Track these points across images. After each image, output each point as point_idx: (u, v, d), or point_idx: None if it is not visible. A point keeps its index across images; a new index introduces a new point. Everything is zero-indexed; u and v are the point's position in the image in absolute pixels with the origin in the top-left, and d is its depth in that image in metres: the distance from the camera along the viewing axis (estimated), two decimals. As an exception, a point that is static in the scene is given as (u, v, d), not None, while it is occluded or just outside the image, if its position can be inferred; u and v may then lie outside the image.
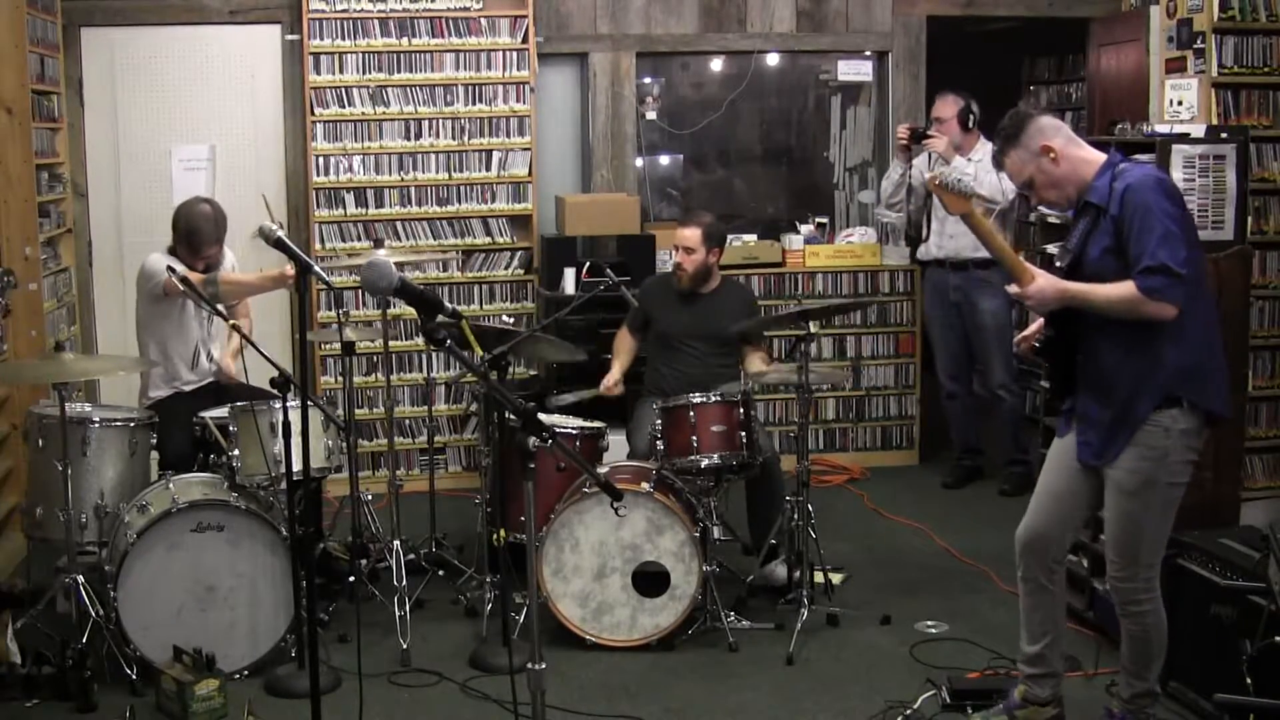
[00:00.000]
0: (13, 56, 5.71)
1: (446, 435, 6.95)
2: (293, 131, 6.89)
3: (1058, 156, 3.68)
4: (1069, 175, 3.70)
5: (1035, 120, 3.72)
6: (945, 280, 6.67)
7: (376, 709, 4.23)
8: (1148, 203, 3.51)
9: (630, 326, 5.73)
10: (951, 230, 6.49)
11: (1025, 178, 3.77)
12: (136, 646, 4.36)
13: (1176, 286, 3.50)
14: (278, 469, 4.56)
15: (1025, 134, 3.71)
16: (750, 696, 4.40)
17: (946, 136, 6.41)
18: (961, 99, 6.47)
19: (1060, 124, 3.76)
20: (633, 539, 4.72)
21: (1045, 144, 3.68)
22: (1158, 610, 3.77)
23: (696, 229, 5.46)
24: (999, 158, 3.81)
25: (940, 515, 6.31)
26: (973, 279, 6.52)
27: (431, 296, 3.17)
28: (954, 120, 6.42)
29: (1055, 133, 3.70)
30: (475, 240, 6.90)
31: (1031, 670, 3.98)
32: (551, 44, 7.05)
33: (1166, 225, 3.50)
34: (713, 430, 4.94)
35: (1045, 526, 3.88)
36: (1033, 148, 3.70)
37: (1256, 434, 5.64)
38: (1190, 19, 5.82)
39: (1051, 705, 3.98)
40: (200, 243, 5.11)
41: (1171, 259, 3.48)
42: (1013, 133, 3.73)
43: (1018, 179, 3.81)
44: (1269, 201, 5.63)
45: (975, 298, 6.55)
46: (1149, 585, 3.74)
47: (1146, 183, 3.56)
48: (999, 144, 3.78)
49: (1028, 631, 3.99)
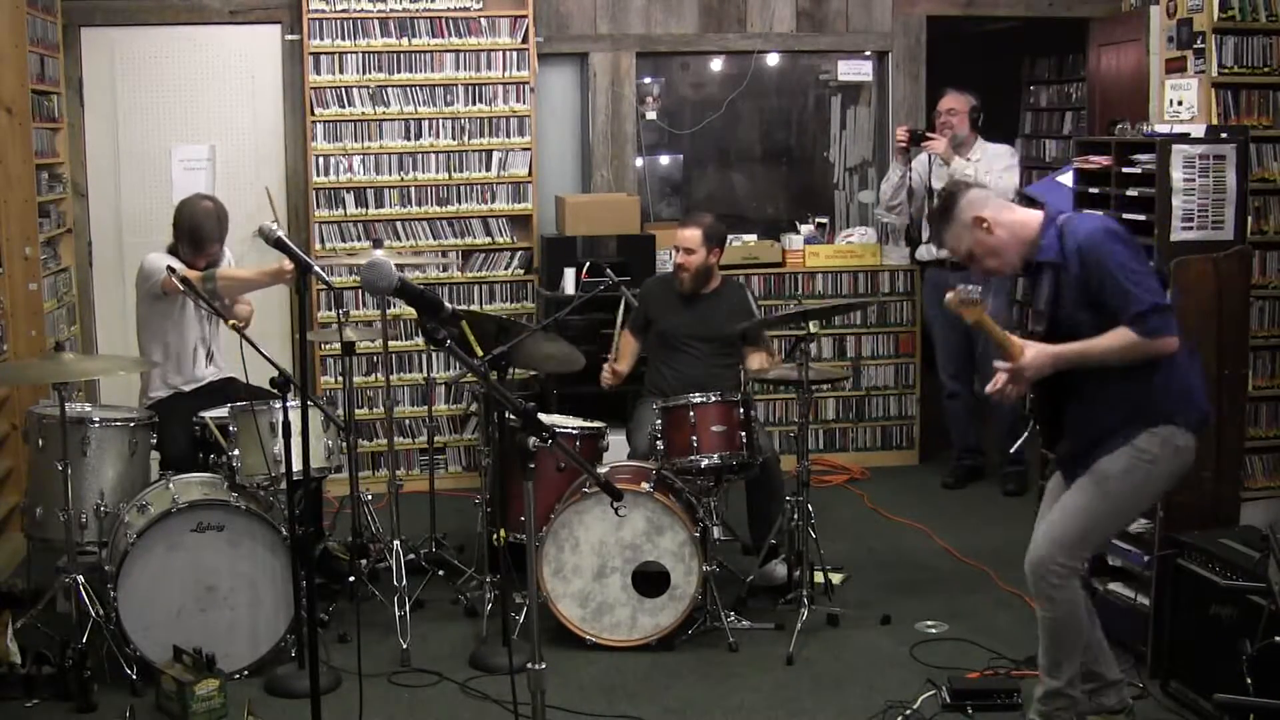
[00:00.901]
0: (13, 56, 5.71)
1: (446, 435, 6.95)
2: (293, 131, 6.89)
3: (990, 225, 3.76)
4: (1007, 242, 3.78)
5: (964, 194, 3.84)
6: (946, 280, 6.64)
7: (376, 709, 4.23)
8: (1103, 259, 3.59)
9: (632, 328, 5.72)
10: None
11: (965, 250, 3.86)
12: (136, 646, 4.36)
13: (1169, 317, 3.61)
14: (278, 469, 4.56)
15: (956, 209, 3.81)
16: (750, 696, 4.40)
17: (944, 139, 6.42)
18: (973, 98, 6.52)
19: (988, 194, 3.90)
20: (633, 539, 4.72)
21: (976, 215, 3.77)
22: (1071, 602, 3.72)
23: (697, 230, 5.46)
24: (936, 237, 3.88)
25: (940, 515, 6.31)
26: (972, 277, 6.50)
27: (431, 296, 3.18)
28: (964, 114, 6.46)
29: (984, 204, 3.80)
30: (475, 240, 6.91)
31: (1087, 686, 3.94)
32: (551, 44, 7.05)
33: (1133, 268, 3.59)
34: (713, 430, 4.94)
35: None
36: (965, 220, 3.79)
37: (1256, 434, 5.63)
38: (1190, 19, 5.82)
39: (1124, 714, 3.94)
40: (203, 240, 5.11)
41: (1156, 296, 3.58)
42: (944, 209, 3.86)
43: (957, 252, 3.90)
44: (1269, 201, 5.62)
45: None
46: (1064, 573, 3.70)
47: (1096, 237, 3.63)
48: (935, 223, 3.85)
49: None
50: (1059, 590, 3.71)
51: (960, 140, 6.45)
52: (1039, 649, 3.85)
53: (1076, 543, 3.72)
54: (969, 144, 6.47)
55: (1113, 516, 3.76)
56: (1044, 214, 3.79)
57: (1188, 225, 4.74)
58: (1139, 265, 3.61)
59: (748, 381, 5.36)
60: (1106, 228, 3.67)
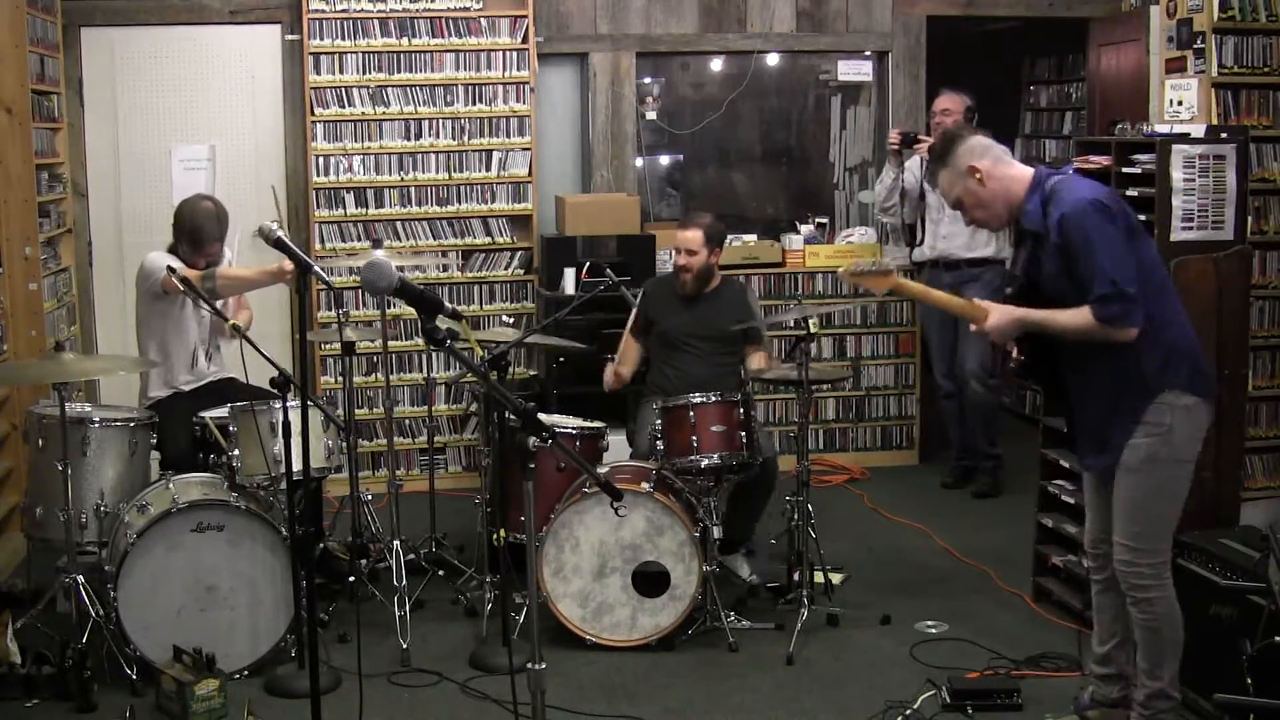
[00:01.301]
0: (13, 56, 5.71)
1: (446, 435, 6.95)
2: (293, 131, 6.89)
3: (984, 177, 3.74)
4: (996, 195, 3.76)
5: (964, 141, 3.79)
6: (939, 280, 6.65)
7: (376, 709, 4.23)
8: (1085, 230, 3.56)
9: (633, 332, 5.69)
10: (945, 231, 6.50)
11: (954, 197, 3.84)
12: (136, 646, 4.36)
13: (1132, 308, 3.56)
14: (278, 469, 4.56)
15: (953, 154, 3.78)
16: (750, 696, 4.40)
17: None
18: (968, 98, 6.51)
19: (990, 144, 3.81)
20: (633, 539, 4.72)
21: (971, 164, 3.75)
22: (1168, 600, 3.74)
23: (698, 230, 5.46)
24: (930, 178, 3.85)
25: (940, 515, 6.31)
26: (964, 276, 6.52)
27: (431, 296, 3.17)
28: (959, 114, 6.44)
29: (984, 153, 3.77)
30: (475, 240, 6.91)
31: (1101, 670, 3.99)
32: (551, 44, 7.05)
33: (1110, 248, 3.55)
34: (713, 430, 4.94)
35: (1101, 531, 3.89)
36: (960, 168, 3.77)
37: (1256, 434, 5.63)
38: (1190, 19, 5.82)
39: (1121, 708, 3.96)
40: (203, 239, 5.10)
41: (1121, 280, 3.53)
42: (941, 153, 3.83)
43: (948, 198, 3.89)
44: (1269, 201, 5.62)
45: (964, 294, 6.49)
46: (1156, 572, 3.72)
47: (1079, 208, 3.59)
48: (929, 164, 3.82)
49: (1097, 631, 4.02)
50: (1152, 590, 3.72)
51: None
52: (1137, 652, 3.83)
53: (1148, 538, 3.71)
54: None
55: (1165, 497, 3.72)
56: (1033, 176, 3.75)
57: (1188, 225, 4.75)
58: (1120, 244, 3.56)
59: (747, 381, 5.35)
60: (1094, 200, 3.61)
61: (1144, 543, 3.71)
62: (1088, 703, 4.04)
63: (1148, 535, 3.72)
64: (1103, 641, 3.99)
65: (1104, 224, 3.57)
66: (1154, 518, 3.72)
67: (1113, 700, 3.98)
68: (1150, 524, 3.72)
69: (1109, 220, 3.58)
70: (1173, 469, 3.70)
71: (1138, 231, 3.69)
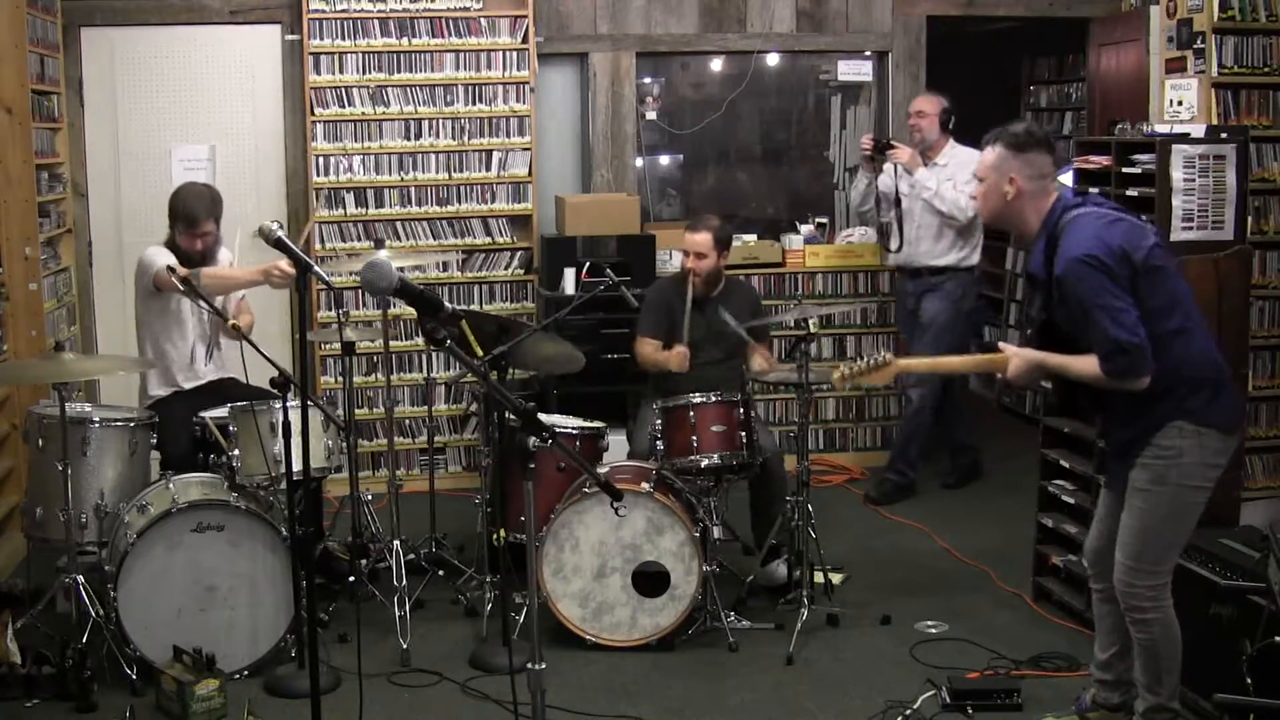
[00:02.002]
0: (13, 56, 5.71)
1: (446, 435, 6.95)
2: (293, 131, 6.89)
3: (1014, 194, 3.74)
4: (1010, 214, 3.78)
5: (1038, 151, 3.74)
6: (903, 287, 6.69)
7: (376, 709, 4.23)
8: (1080, 292, 3.56)
9: (651, 332, 5.58)
10: (910, 237, 6.46)
11: (981, 175, 3.83)
12: (136, 646, 4.36)
13: (1138, 360, 3.55)
14: (278, 469, 4.56)
15: (1020, 153, 3.73)
16: (750, 696, 4.40)
17: (908, 150, 6.35)
18: (945, 100, 6.47)
19: (1048, 168, 3.76)
20: (633, 539, 4.72)
21: (1014, 175, 3.73)
22: (1165, 621, 3.75)
23: (707, 234, 5.45)
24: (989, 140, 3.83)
25: (940, 515, 6.31)
26: (926, 285, 6.50)
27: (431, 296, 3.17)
28: (935, 117, 6.40)
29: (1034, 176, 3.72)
30: (475, 240, 6.90)
31: (1101, 675, 3.99)
32: (551, 44, 7.05)
33: (1108, 307, 3.53)
34: (713, 430, 4.94)
35: (1103, 541, 3.90)
36: (1007, 169, 3.74)
37: (1256, 434, 5.63)
38: (1190, 19, 5.82)
39: (1122, 712, 3.96)
40: (196, 218, 5.08)
41: (1123, 334, 3.52)
42: (1015, 141, 3.75)
43: (979, 170, 3.86)
44: (1269, 201, 5.63)
45: (924, 301, 6.53)
46: (1154, 593, 3.73)
47: (1073, 268, 3.57)
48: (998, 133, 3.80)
49: (1098, 638, 4.02)
50: (1151, 611, 3.73)
51: (930, 143, 6.41)
52: (1136, 666, 3.83)
53: (1149, 559, 3.71)
54: (939, 147, 6.42)
55: (1171, 521, 3.71)
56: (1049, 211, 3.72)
57: (1188, 225, 4.75)
58: (1117, 299, 3.54)
59: (748, 381, 5.35)
60: (1088, 256, 3.56)
61: (1145, 564, 3.72)
62: (1088, 704, 4.04)
63: (1149, 557, 3.72)
64: (1104, 649, 3.99)
65: (1099, 282, 3.54)
66: (1157, 540, 3.71)
67: (1114, 705, 3.98)
68: (1152, 546, 3.71)
69: (1104, 275, 3.54)
70: (1181, 494, 3.68)
71: (1150, 270, 3.60)
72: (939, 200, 6.27)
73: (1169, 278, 3.66)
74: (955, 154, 6.43)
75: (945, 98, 6.50)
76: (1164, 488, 3.66)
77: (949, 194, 6.22)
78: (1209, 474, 3.69)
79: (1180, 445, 3.64)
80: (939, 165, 6.37)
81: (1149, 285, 3.60)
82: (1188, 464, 3.65)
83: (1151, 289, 3.60)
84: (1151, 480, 3.68)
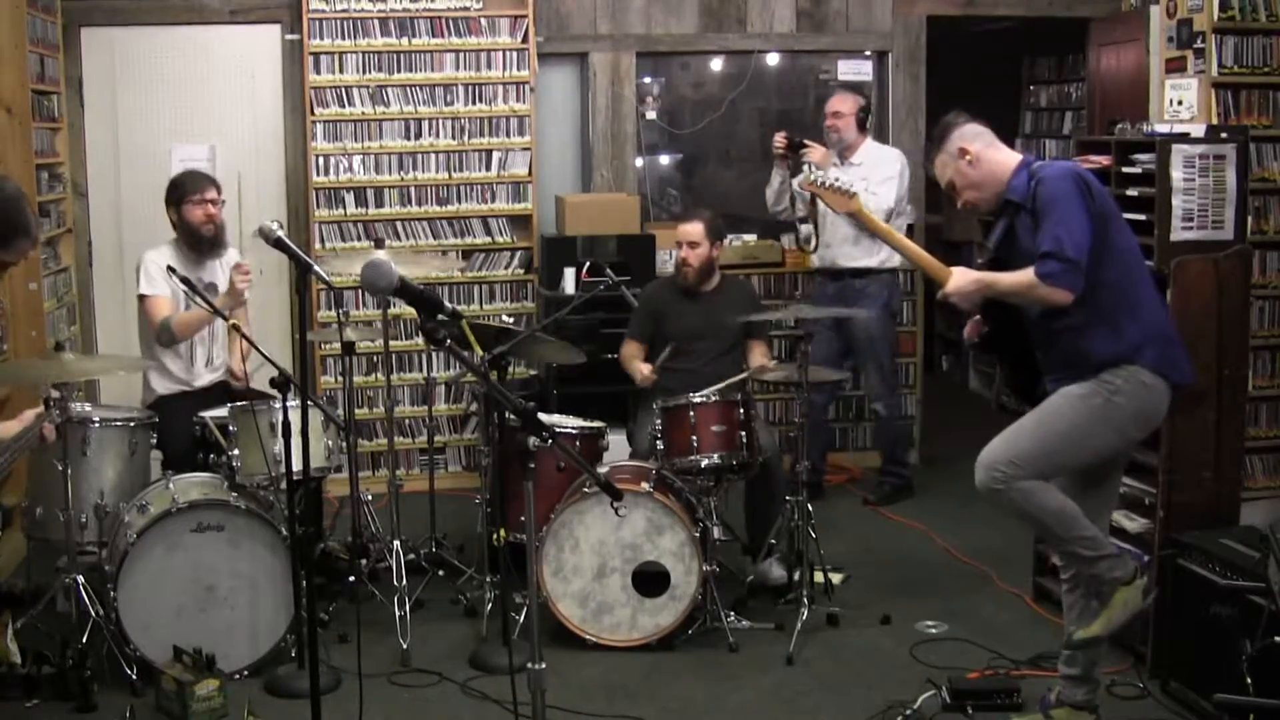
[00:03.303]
0: (13, 56, 5.71)
1: (446, 435, 6.95)
2: (293, 131, 6.89)
3: (974, 159, 3.82)
4: (986, 177, 3.83)
5: (958, 127, 3.88)
6: (824, 290, 6.50)
7: (376, 709, 4.23)
8: (1055, 193, 3.63)
9: (637, 337, 5.65)
10: (828, 239, 6.36)
11: (947, 179, 3.91)
12: (136, 646, 4.36)
13: (1071, 272, 3.58)
14: (278, 469, 4.56)
15: (948, 139, 3.87)
16: (750, 696, 4.40)
17: (821, 149, 6.21)
18: (862, 99, 6.40)
19: (982, 130, 3.89)
20: (633, 539, 4.72)
21: (962, 146, 3.83)
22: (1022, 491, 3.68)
23: (699, 223, 5.47)
24: (926, 162, 3.96)
25: (940, 515, 6.31)
26: (848, 288, 6.35)
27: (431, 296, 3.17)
28: (851, 117, 6.30)
29: (975, 138, 3.86)
30: (475, 240, 6.91)
31: (1067, 670, 3.98)
32: (551, 44, 7.05)
33: (1071, 212, 3.60)
34: (713, 430, 4.94)
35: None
36: (951, 149, 3.86)
37: (1256, 434, 5.63)
38: (1190, 19, 5.82)
39: (1086, 711, 3.96)
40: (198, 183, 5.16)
41: (1068, 244, 3.56)
42: (937, 137, 3.92)
43: (941, 180, 3.95)
44: (1269, 201, 5.63)
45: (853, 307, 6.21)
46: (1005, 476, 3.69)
47: (1058, 173, 3.68)
48: (927, 148, 3.90)
49: (1066, 628, 4.01)
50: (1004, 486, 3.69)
51: (847, 143, 6.30)
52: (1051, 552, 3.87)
53: (1027, 455, 3.70)
54: (856, 146, 6.31)
55: (1068, 438, 3.70)
56: (1021, 159, 3.83)
57: (1188, 225, 4.74)
58: (1079, 214, 3.60)
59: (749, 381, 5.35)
60: (1073, 171, 3.70)
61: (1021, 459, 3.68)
62: (1053, 702, 4.03)
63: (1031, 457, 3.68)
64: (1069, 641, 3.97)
65: (1074, 193, 3.62)
66: (1047, 447, 3.70)
67: (1078, 702, 3.97)
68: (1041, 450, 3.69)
69: (1080, 192, 3.63)
70: (1090, 424, 3.68)
71: (1112, 218, 3.72)
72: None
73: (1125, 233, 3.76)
74: (871, 153, 6.33)
75: (862, 95, 6.43)
76: (1085, 406, 3.66)
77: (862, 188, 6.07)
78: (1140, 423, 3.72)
79: (1121, 385, 3.66)
80: (855, 165, 6.23)
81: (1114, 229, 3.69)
82: (1122, 402, 3.66)
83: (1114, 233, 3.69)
84: (1084, 393, 3.68)
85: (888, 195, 6.12)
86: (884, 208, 6.04)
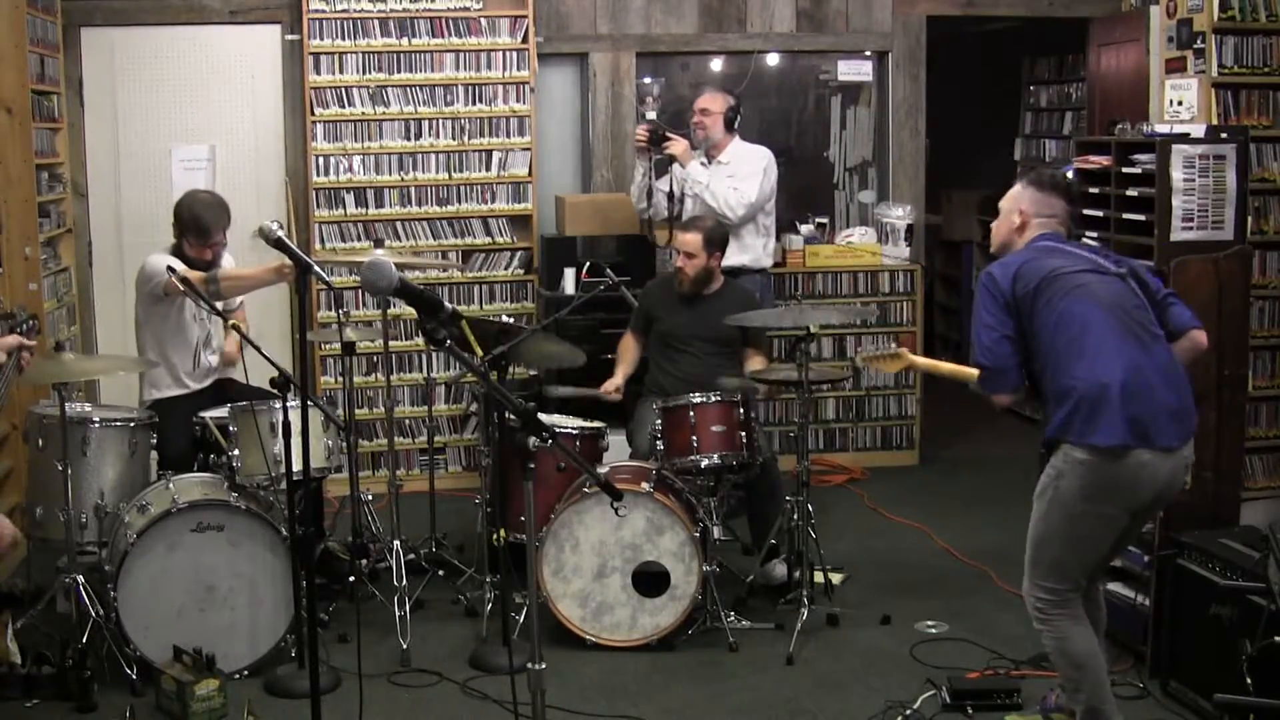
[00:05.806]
0: (13, 56, 5.71)
1: (446, 435, 6.95)
2: (293, 131, 6.89)
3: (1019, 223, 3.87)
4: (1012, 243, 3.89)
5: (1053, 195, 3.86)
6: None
7: (376, 709, 4.23)
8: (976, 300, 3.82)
9: (634, 329, 5.73)
10: None
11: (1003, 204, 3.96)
12: (136, 646, 4.36)
13: (991, 379, 3.74)
14: (278, 469, 4.56)
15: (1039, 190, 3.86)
16: (750, 696, 4.40)
17: (683, 142, 6.12)
18: (732, 99, 6.28)
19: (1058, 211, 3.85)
20: (633, 539, 4.72)
21: (1023, 207, 3.87)
22: (1059, 636, 3.72)
23: (697, 234, 5.45)
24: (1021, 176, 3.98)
25: (940, 515, 6.31)
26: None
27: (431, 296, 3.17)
28: (719, 115, 6.20)
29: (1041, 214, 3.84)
30: (475, 240, 6.90)
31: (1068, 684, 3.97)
32: (551, 44, 7.05)
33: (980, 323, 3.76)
34: (712, 430, 4.94)
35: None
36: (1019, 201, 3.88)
37: (1256, 434, 5.63)
38: (1190, 19, 5.82)
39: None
40: (208, 228, 5.09)
41: (981, 355, 3.74)
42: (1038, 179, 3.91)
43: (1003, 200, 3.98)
44: (1269, 201, 5.62)
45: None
46: (1042, 605, 3.73)
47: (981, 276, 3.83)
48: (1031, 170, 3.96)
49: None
50: (1041, 623, 3.76)
51: (714, 142, 6.20)
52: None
53: (1037, 569, 3.75)
54: (723, 145, 6.20)
55: (1055, 540, 3.70)
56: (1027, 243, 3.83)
57: (1188, 225, 4.75)
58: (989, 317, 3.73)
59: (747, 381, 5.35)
60: (986, 273, 3.82)
61: (1037, 574, 3.75)
62: (1053, 705, 4.03)
63: (1041, 570, 3.74)
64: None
65: (982, 298, 3.77)
66: (1046, 555, 3.73)
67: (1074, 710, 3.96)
68: (1041, 560, 3.74)
69: (987, 294, 3.75)
70: (1060, 515, 3.67)
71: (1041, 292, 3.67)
72: (710, 195, 5.98)
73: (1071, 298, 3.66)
74: (738, 151, 6.22)
75: (732, 95, 6.34)
76: (1046, 503, 3.71)
77: (721, 190, 5.96)
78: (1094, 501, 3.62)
79: (1061, 468, 3.66)
80: (722, 164, 6.15)
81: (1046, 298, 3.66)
82: (1065, 487, 3.65)
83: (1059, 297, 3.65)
84: (1039, 491, 3.74)
85: (750, 190, 6.01)
86: (746, 201, 5.98)
